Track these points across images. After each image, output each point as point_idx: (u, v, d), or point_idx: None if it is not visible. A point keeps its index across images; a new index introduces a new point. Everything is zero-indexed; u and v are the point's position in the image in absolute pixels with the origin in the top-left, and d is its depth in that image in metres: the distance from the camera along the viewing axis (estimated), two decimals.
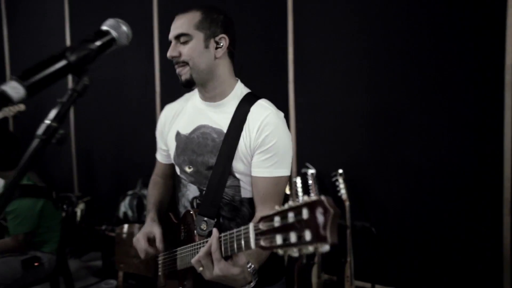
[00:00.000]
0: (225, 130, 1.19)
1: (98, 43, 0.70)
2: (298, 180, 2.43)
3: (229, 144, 1.17)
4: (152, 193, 1.44)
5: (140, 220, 3.12)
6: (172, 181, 1.50)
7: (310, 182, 2.42)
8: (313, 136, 2.73)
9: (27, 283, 2.23)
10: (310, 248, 0.65)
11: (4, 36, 4.66)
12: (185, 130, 1.27)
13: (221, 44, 1.19)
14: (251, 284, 1.00)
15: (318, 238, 0.64)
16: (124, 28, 0.75)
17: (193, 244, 1.13)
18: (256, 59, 2.91)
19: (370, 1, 2.52)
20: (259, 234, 0.78)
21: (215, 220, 1.17)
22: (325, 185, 2.57)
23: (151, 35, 3.48)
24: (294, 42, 2.78)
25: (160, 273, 1.38)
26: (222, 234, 0.94)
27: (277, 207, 0.74)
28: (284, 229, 0.70)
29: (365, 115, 2.58)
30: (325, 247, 0.64)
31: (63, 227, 2.40)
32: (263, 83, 2.77)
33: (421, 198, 2.39)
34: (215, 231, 0.96)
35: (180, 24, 1.17)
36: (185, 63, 1.16)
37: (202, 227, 1.15)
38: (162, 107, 3.48)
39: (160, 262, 1.38)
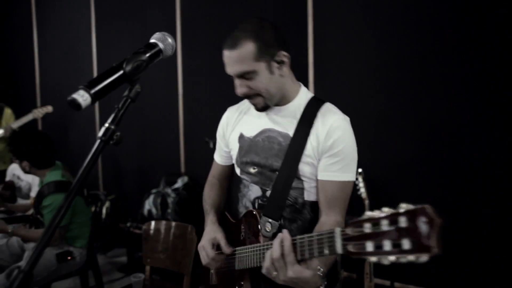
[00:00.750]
0: (291, 134, 1.21)
1: (148, 54, 0.78)
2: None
3: (296, 147, 1.19)
4: (209, 194, 1.44)
5: (164, 218, 3.22)
6: (228, 183, 1.51)
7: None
8: None
9: (60, 276, 2.34)
10: (410, 257, 0.64)
11: (34, 41, 4.85)
12: (250, 133, 1.30)
13: (283, 60, 1.19)
14: (321, 287, 1.01)
15: (420, 248, 0.63)
16: (170, 40, 0.83)
17: (257, 245, 1.12)
18: None
19: (388, 5, 2.56)
20: (346, 239, 0.77)
21: (279, 222, 1.19)
22: None
23: (174, 38, 3.57)
24: (314, 44, 2.84)
25: (212, 271, 1.38)
26: (298, 237, 0.93)
27: (368, 213, 0.73)
28: (376, 236, 0.70)
29: (384, 116, 2.61)
30: (425, 257, 0.63)
31: (92, 223, 2.52)
32: None
33: (439, 195, 2.41)
34: (286, 233, 0.95)
35: (238, 61, 1.15)
36: (258, 95, 1.19)
37: (267, 228, 1.16)
38: (184, 108, 3.59)
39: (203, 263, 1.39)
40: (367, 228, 0.72)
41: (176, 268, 2.11)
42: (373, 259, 0.70)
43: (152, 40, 0.82)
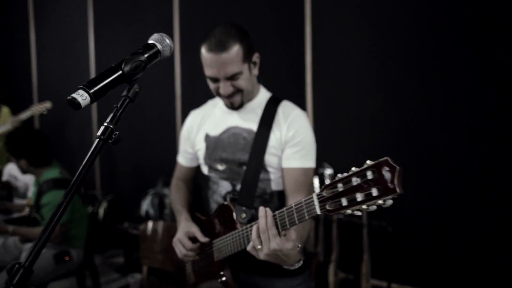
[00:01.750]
0: (255, 129, 1.31)
1: (146, 55, 0.79)
2: (316, 180, 2.50)
3: (261, 140, 1.28)
4: (178, 196, 1.51)
5: (162, 218, 3.22)
6: (193, 184, 1.59)
7: (327, 181, 2.48)
8: (330, 136, 2.79)
9: (57, 276, 2.34)
10: (379, 202, 0.76)
11: (31, 40, 4.85)
12: (215, 132, 1.39)
13: (256, 61, 1.32)
14: (300, 262, 1.07)
15: (386, 191, 0.75)
16: (168, 41, 0.84)
17: (236, 231, 1.18)
18: (275, 63, 2.99)
19: (386, 6, 2.57)
20: (322, 201, 0.87)
21: (253, 210, 1.26)
22: None
23: (172, 39, 3.58)
24: (312, 46, 2.85)
25: (189, 271, 1.43)
26: (277, 212, 1.00)
27: (339, 175, 0.84)
28: (349, 192, 0.81)
29: (381, 116, 2.62)
30: (390, 200, 0.76)
31: (90, 223, 2.52)
32: (281, 86, 2.84)
33: (437, 197, 2.43)
34: (266, 209, 1.01)
35: (228, 64, 1.21)
36: (238, 94, 1.29)
37: (242, 216, 1.24)
38: (182, 109, 3.59)
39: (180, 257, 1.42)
40: (340, 187, 0.83)
41: (173, 268, 2.11)
42: (348, 211, 0.81)
43: (150, 41, 0.82)
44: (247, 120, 1.35)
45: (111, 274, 3.32)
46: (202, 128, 1.44)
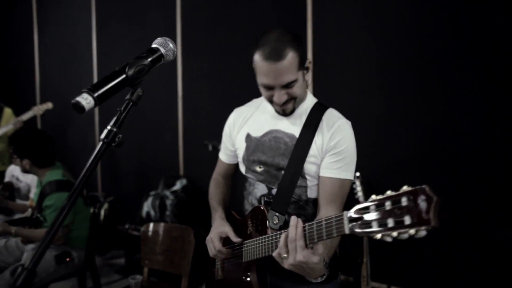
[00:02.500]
0: (297, 135, 1.30)
1: (149, 59, 0.80)
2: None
3: (302, 147, 1.27)
4: (216, 192, 1.52)
5: (163, 220, 3.23)
6: (232, 181, 1.59)
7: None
8: None
9: (59, 277, 2.34)
10: (411, 231, 0.73)
11: (34, 42, 4.87)
12: (256, 133, 1.37)
13: (308, 67, 1.27)
14: (324, 276, 1.07)
15: (420, 222, 0.72)
16: (171, 45, 0.85)
17: (265, 236, 1.19)
18: None
19: (386, 8, 2.58)
20: (352, 221, 0.86)
21: (285, 216, 1.26)
22: None
23: (174, 41, 3.60)
24: (313, 48, 2.86)
25: (218, 266, 1.44)
26: (306, 224, 1.00)
27: (373, 196, 0.82)
28: (380, 216, 0.79)
29: (382, 118, 2.63)
30: (423, 231, 0.72)
31: (91, 225, 2.52)
32: None
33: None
34: (297, 220, 1.01)
35: (285, 72, 1.17)
36: (291, 101, 1.26)
37: (274, 221, 1.24)
38: (184, 110, 3.61)
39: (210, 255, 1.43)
40: (372, 210, 0.81)
41: (174, 270, 2.12)
42: (378, 236, 0.78)
43: (153, 45, 0.84)
44: (291, 124, 1.33)
45: (112, 275, 3.33)
46: (244, 127, 1.42)
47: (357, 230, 0.83)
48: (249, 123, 1.41)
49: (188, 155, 3.64)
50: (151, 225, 2.24)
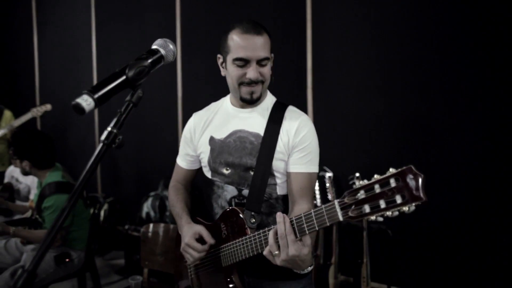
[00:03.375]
0: (261, 134, 1.31)
1: (150, 60, 0.80)
2: (316, 183, 2.50)
3: (268, 145, 1.28)
4: (177, 198, 1.47)
5: (162, 220, 3.23)
6: (191, 187, 1.56)
7: (327, 185, 2.49)
8: (330, 140, 2.80)
9: (58, 278, 2.34)
10: (404, 208, 0.79)
11: (34, 43, 4.87)
12: (220, 135, 1.37)
13: (272, 60, 1.33)
14: (312, 266, 1.09)
15: (412, 198, 0.78)
16: (171, 46, 0.85)
17: (246, 237, 1.18)
18: (276, 67, 2.98)
19: (386, 10, 2.59)
20: (344, 207, 0.89)
21: (260, 214, 1.26)
22: (342, 188, 2.63)
23: (174, 42, 3.60)
24: (313, 50, 2.87)
25: (192, 276, 1.40)
26: (294, 217, 1.01)
27: (361, 182, 0.86)
28: (371, 199, 0.84)
29: (381, 120, 2.64)
30: (413, 207, 0.78)
31: (91, 225, 2.52)
32: (283, 89, 2.85)
33: (437, 200, 2.43)
34: (283, 215, 1.02)
35: (262, 47, 1.25)
36: (261, 83, 1.29)
37: (251, 220, 1.24)
38: (183, 111, 3.60)
39: (191, 265, 1.40)
40: (361, 194, 0.85)
41: (176, 276, 2.11)
42: (372, 217, 0.84)
43: (154, 47, 0.84)
44: (254, 124, 1.34)
45: (112, 276, 3.32)
46: (207, 130, 1.41)
47: (351, 214, 0.87)
48: (211, 126, 1.40)
49: None
50: (151, 225, 2.24)
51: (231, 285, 1.24)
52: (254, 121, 1.34)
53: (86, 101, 0.69)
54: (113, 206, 3.89)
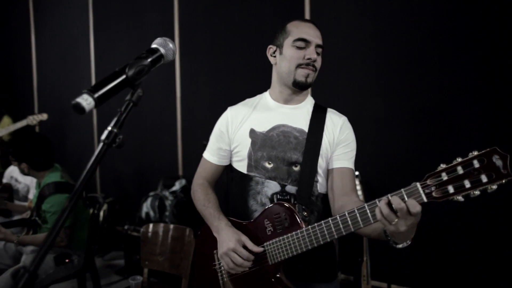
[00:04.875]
0: (306, 130, 1.31)
1: (149, 59, 0.80)
2: None
3: (314, 141, 1.29)
4: (208, 198, 1.40)
5: (162, 220, 3.22)
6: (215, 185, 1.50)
7: None
8: None
9: (58, 279, 2.33)
10: (493, 187, 0.84)
11: (32, 45, 4.86)
12: (262, 128, 1.33)
13: None
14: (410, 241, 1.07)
15: (499, 176, 0.83)
16: (171, 45, 0.85)
17: (300, 231, 1.14)
18: None
19: (384, 10, 2.59)
20: (428, 189, 0.92)
21: (311, 209, 1.26)
22: None
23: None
24: None
25: (225, 279, 1.31)
26: (388, 195, 0.97)
27: (442, 165, 0.91)
28: (454, 180, 0.88)
29: (380, 119, 2.64)
30: (495, 186, 0.84)
31: (90, 226, 2.52)
32: None
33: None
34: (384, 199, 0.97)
35: (320, 36, 1.34)
36: (315, 70, 1.32)
37: (304, 214, 1.24)
38: (182, 111, 3.60)
39: (223, 268, 1.32)
40: (444, 176, 0.90)
41: (174, 270, 2.11)
42: (459, 197, 0.89)
43: (153, 46, 0.83)
44: (297, 120, 1.32)
45: (112, 276, 3.32)
46: (246, 123, 1.36)
47: (435, 195, 0.90)
48: (251, 119, 1.36)
49: (187, 155, 3.63)
50: (151, 225, 2.23)
51: (275, 282, 1.20)
52: (298, 117, 1.34)
53: (86, 101, 0.68)
54: (113, 206, 3.88)
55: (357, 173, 2.45)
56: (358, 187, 2.41)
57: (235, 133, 1.38)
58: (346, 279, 2.67)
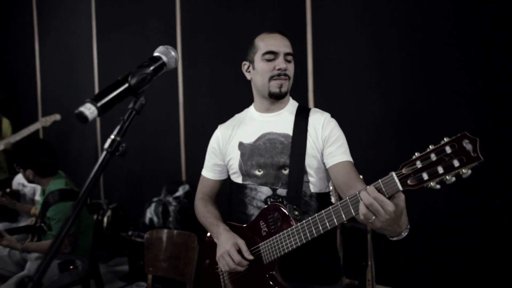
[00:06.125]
0: (290, 133, 1.35)
1: (152, 67, 0.81)
2: None
3: (299, 143, 1.32)
4: (208, 210, 1.48)
5: (166, 226, 3.22)
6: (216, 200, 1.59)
7: (330, 187, 2.48)
8: None
9: (62, 285, 2.33)
10: (464, 171, 0.84)
11: (36, 51, 4.90)
12: (249, 140, 1.41)
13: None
14: (407, 230, 1.06)
15: (469, 160, 0.84)
16: (173, 53, 0.86)
17: (291, 228, 1.18)
18: None
19: (386, 11, 2.59)
20: (403, 177, 0.92)
21: (301, 208, 1.28)
22: None
23: (175, 48, 3.62)
24: (313, 53, 2.87)
25: (226, 282, 1.37)
26: (372, 184, 0.97)
27: (417, 154, 0.91)
28: (428, 167, 0.88)
29: (382, 121, 2.63)
30: (469, 171, 0.84)
31: (94, 232, 2.53)
32: None
33: (442, 202, 2.42)
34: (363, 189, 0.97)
35: (288, 45, 1.38)
36: (288, 78, 1.37)
37: (296, 213, 1.27)
38: (185, 116, 3.61)
39: (224, 272, 1.37)
40: (419, 164, 0.90)
41: (178, 276, 2.11)
42: (432, 183, 0.88)
43: (155, 54, 0.84)
44: (281, 125, 1.38)
45: (116, 282, 3.32)
46: (235, 137, 1.45)
47: (410, 183, 0.90)
48: (239, 133, 1.45)
49: (190, 161, 3.64)
50: (155, 231, 2.23)
51: (270, 281, 1.23)
52: (281, 123, 1.39)
53: (89, 110, 0.69)
54: (116, 212, 3.89)
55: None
56: None
57: (226, 148, 1.47)
58: (351, 283, 2.66)
